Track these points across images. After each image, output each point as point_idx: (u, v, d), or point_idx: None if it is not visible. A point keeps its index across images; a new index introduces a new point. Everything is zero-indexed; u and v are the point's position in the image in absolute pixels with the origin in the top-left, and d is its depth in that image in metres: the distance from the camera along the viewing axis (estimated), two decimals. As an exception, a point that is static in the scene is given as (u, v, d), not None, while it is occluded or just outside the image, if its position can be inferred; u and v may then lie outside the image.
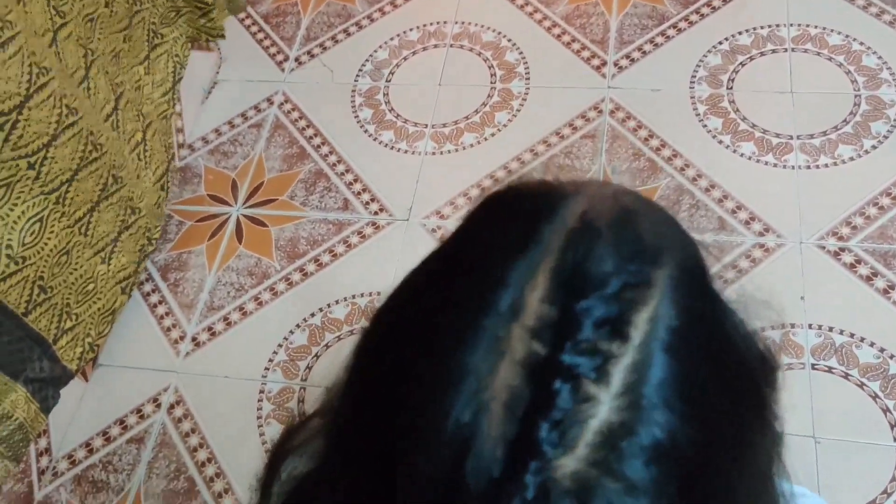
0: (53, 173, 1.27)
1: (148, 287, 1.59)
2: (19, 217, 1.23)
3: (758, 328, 0.39)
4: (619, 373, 0.30)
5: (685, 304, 0.33)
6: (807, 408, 1.25)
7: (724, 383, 0.35)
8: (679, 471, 0.31)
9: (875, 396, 1.25)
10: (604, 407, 0.30)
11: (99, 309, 1.44)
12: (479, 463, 0.30)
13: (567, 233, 0.33)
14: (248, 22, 1.98)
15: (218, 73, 1.90)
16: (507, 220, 0.36)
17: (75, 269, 1.37)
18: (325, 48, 1.91)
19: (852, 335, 1.31)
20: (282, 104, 1.82)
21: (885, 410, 1.24)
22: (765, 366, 0.39)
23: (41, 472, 1.40)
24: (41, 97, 1.21)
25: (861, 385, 1.26)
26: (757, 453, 0.38)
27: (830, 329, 1.32)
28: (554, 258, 0.32)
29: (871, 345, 1.30)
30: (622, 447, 0.30)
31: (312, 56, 1.90)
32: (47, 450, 1.42)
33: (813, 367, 1.29)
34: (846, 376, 1.27)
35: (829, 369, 1.28)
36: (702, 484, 0.33)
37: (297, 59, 1.90)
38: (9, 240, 1.22)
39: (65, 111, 1.26)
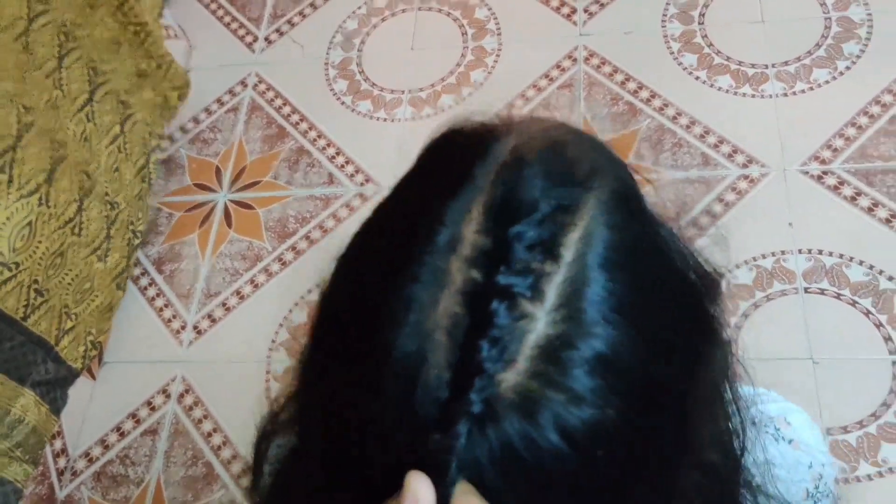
0: (26, 175, 1.27)
1: (144, 281, 1.60)
2: (5, 223, 1.23)
3: (696, 246, 0.41)
4: (552, 289, 0.32)
5: (617, 224, 0.34)
6: (802, 330, 1.27)
7: (663, 296, 0.36)
8: (623, 381, 0.32)
9: (868, 313, 1.27)
10: (540, 322, 0.31)
11: (97, 306, 1.45)
12: (427, 390, 0.31)
13: (498, 168, 0.35)
14: (213, 6, 1.97)
15: (189, 61, 1.89)
16: (445, 163, 0.38)
17: (71, 270, 1.37)
18: (293, 24, 1.89)
19: (841, 256, 1.33)
20: (256, 85, 1.82)
21: (878, 325, 1.26)
22: (705, 280, 0.40)
23: (60, 473, 1.42)
24: None
25: (853, 303, 1.28)
26: (705, 362, 0.39)
27: (820, 252, 1.34)
28: (486, 192, 0.34)
29: (860, 263, 1.31)
30: (562, 359, 0.31)
31: (281, 34, 1.89)
32: (63, 450, 1.44)
33: (806, 290, 1.31)
34: (838, 296, 1.30)
35: (822, 291, 1.30)
36: (648, 392, 0.34)
37: (266, 39, 1.89)
38: (-1, 247, 1.22)
39: (21, 110, 1.26)
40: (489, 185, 0.34)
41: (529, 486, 0.32)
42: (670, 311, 0.37)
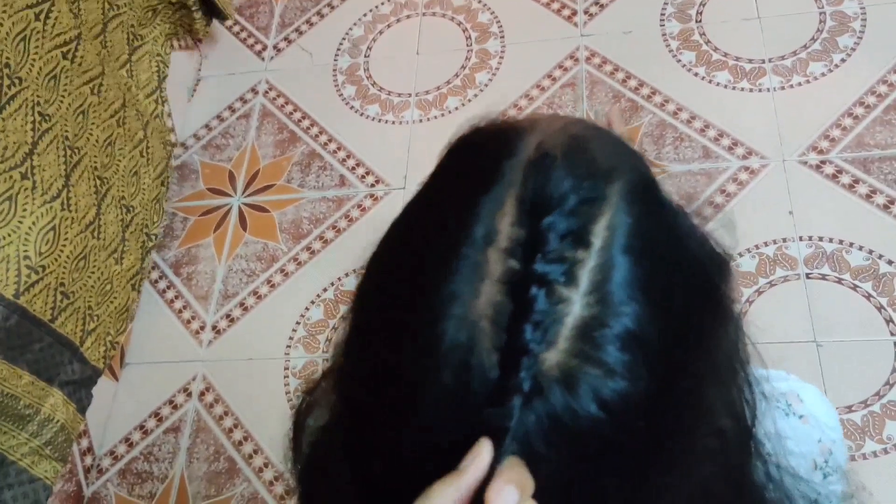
0: (47, 181, 1.31)
1: (162, 284, 1.64)
2: (31, 227, 1.27)
3: (708, 231, 0.44)
4: (585, 274, 0.35)
5: (638, 212, 0.37)
6: (806, 315, 1.31)
7: (682, 277, 0.39)
8: (649, 354, 0.35)
9: (868, 296, 1.31)
10: (576, 305, 0.34)
11: (116, 308, 1.50)
12: (480, 373, 0.34)
13: (526, 164, 0.37)
14: (222, 16, 2.01)
15: (200, 70, 1.94)
16: (474, 161, 0.40)
17: (93, 272, 1.42)
18: (301, 32, 1.94)
19: (841, 242, 1.37)
20: (266, 92, 1.86)
21: (880, 308, 1.30)
22: (717, 261, 0.43)
23: (87, 471, 1.46)
24: (13, 107, 1.25)
25: (854, 287, 1.32)
26: (719, 336, 0.42)
27: (820, 238, 1.38)
28: (517, 187, 0.37)
29: (860, 248, 1.35)
30: (597, 337, 0.34)
31: (290, 42, 1.93)
32: (90, 449, 1.47)
33: (807, 276, 1.35)
34: (839, 281, 1.33)
35: (823, 276, 1.34)
36: (671, 363, 0.37)
37: (275, 47, 1.94)
38: (25, 251, 1.27)
39: (38, 118, 1.30)
40: (520, 180, 0.37)
41: (571, 453, 0.35)
42: (687, 290, 0.39)
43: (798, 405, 0.61)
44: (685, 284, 0.39)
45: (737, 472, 0.45)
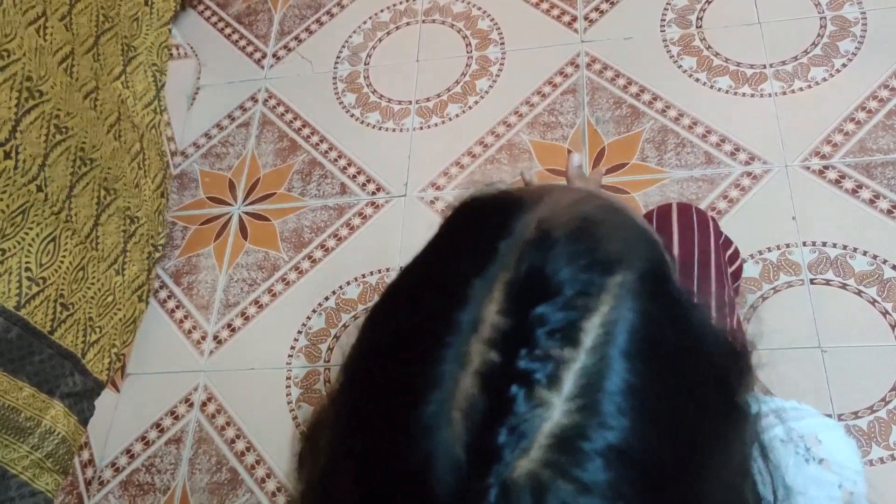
0: (55, 192, 1.31)
1: (163, 294, 1.63)
2: (34, 239, 1.27)
3: (727, 326, 0.41)
4: (570, 377, 0.32)
5: (643, 310, 0.34)
6: (810, 321, 1.31)
7: (688, 386, 0.35)
8: (637, 474, 0.32)
9: (874, 301, 1.31)
10: (556, 411, 0.31)
11: (121, 319, 1.49)
12: (444, 470, 0.32)
13: (522, 244, 0.35)
14: (221, 25, 2.01)
15: (199, 78, 1.94)
16: (469, 236, 0.38)
17: (93, 284, 1.41)
18: (300, 40, 1.94)
19: (845, 247, 1.36)
20: (266, 100, 1.86)
21: (885, 313, 1.29)
22: (735, 360, 0.40)
23: (88, 483, 1.45)
24: (31, 118, 1.25)
25: (859, 293, 1.32)
26: (731, 448, 0.38)
27: (824, 244, 1.37)
28: (509, 271, 0.34)
29: (864, 253, 1.35)
30: (575, 449, 0.31)
31: (289, 50, 1.93)
32: (91, 461, 1.46)
33: (811, 281, 1.34)
34: (844, 286, 1.33)
35: (827, 282, 1.34)
36: (663, 483, 0.33)
37: (274, 55, 1.93)
38: (27, 262, 1.26)
39: (52, 130, 1.30)
40: (513, 263, 0.34)
41: None
42: (692, 400, 0.35)
43: (817, 448, 0.58)
44: (691, 392, 0.35)
45: None
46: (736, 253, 1.06)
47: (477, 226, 0.38)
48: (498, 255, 0.35)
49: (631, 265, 0.35)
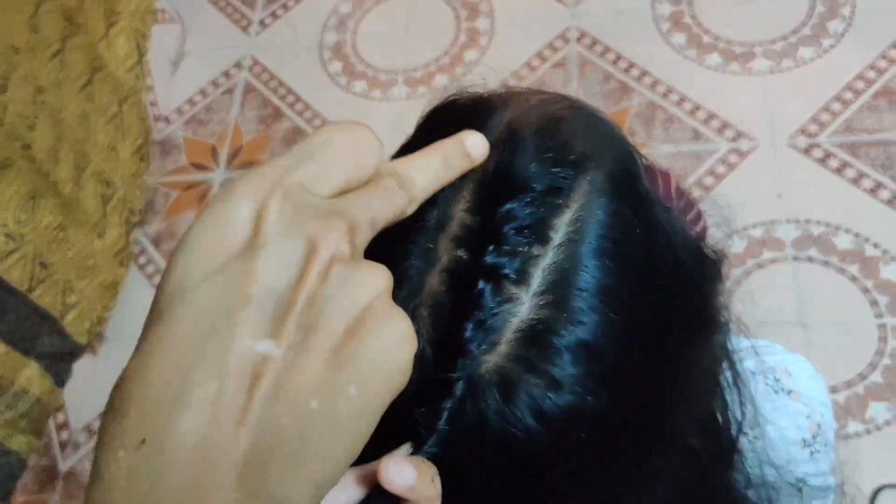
0: (38, 149, 1.28)
1: (143, 259, 1.61)
2: (12, 196, 1.24)
3: (696, 229, 0.40)
4: (539, 273, 0.31)
5: (612, 209, 0.33)
6: (793, 296, 1.31)
7: (656, 285, 0.35)
8: (605, 369, 0.32)
9: (854, 278, 1.31)
10: (524, 306, 0.31)
11: (101, 283, 1.47)
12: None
13: (492, 146, 0.34)
14: (207, -10, 1.98)
15: (184, 44, 1.91)
16: (439, 137, 0.36)
17: (73, 246, 1.39)
18: (287, 8, 1.91)
19: (828, 225, 1.37)
20: (251, 67, 1.83)
21: (865, 290, 1.30)
22: (705, 265, 0.39)
23: (62, 446, 1.43)
24: (13, 80, 1.22)
25: (841, 270, 1.33)
26: (699, 352, 0.38)
27: (808, 221, 1.38)
28: (478, 170, 0.33)
29: (847, 231, 1.36)
30: (544, 344, 0.31)
31: (276, 17, 1.90)
32: (66, 424, 1.45)
33: (795, 258, 1.35)
34: (826, 263, 1.34)
35: (810, 259, 1.34)
36: (631, 381, 0.33)
37: (261, 22, 1.91)
38: (4, 218, 1.24)
39: (34, 91, 1.27)
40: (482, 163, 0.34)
41: (501, 463, 0.32)
42: (662, 301, 0.35)
43: (787, 380, 0.58)
44: (660, 294, 0.35)
45: (707, 488, 0.42)
46: (698, 216, 1.05)
47: (447, 127, 0.36)
48: None
49: (601, 164, 0.34)
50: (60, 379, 1.38)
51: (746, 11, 1.63)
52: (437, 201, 0.33)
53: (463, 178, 0.33)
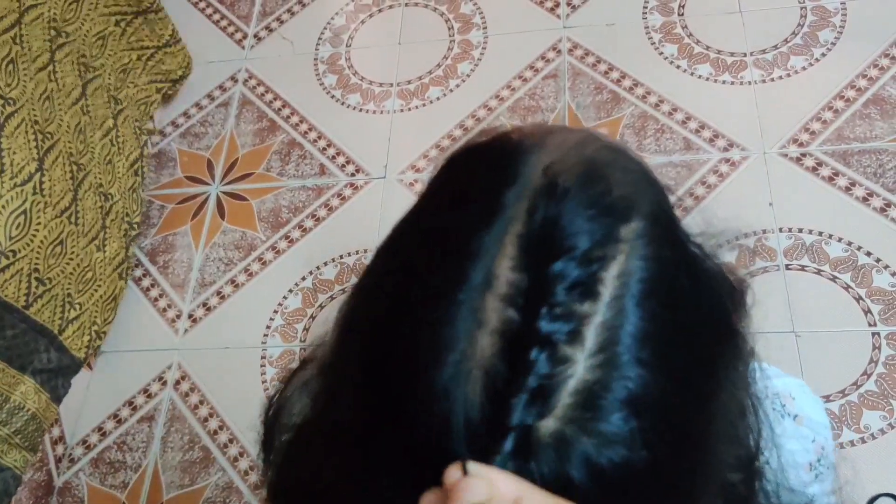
0: (18, 164, 1.28)
1: (138, 272, 1.62)
2: (0, 211, 1.25)
3: (723, 259, 0.40)
4: (592, 332, 0.31)
5: (655, 255, 0.33)
6: (785, 306, 1.31)
7: (698, 327, 0.35)
8: (656, 420, 0.32)
9: (847, 287, 1.32)
10: (579, 367, 0.30)
11: (101, 296, 1.47)
12: (463, 434, 0.30)
13: (531, 194, 0.33)
14: (202, 4, 1.99)
15: (179, 57, 1.91)
16: (471, 187, 0.35)
17: (72, 259, 1.39)
18: (282, 21, 1.92)
19: (821, 233, 1.37)
20: (246, 80, 1.84)
21: (858, 299, 1.30)
22: (735, 296, 0.39)
23: (58, 460, 1.43)
24: None
25: (833, 278, 1.33)
26: (733, 382, 0.38)
27: (800, 230, 1.38)
28: (520, 223, 0.32)
29: (839, 240, 1.36)
30: (597, 404, 0.30)
31: (271, 31, 1.92)
32: (61, 438, 1.45)
33: (787, 267, 1.35)
34: (818, 272, 1.34)
35: (802, 267, 1.35)
36: (678, 425, 0.33)
37: (255, 36, 1.92)
38: (-3, 235, 1.24)
39: (1, 102, 1.27)
40: (523, 215, 0.32)
41: None
42: (703, 339, 0.35)
43: (791, 404, 0.59)
44: (702, 332, 0.35)
45: None
46: None
47: (476, 176, 0.36)
48: (505, 207, 0.33)
49: (641, 210, 0.34)
50: (57, 394, 1.38)
51: (737, 21, 1.64)
52: (479, 256, 0.32)
53: (504, 232, 0.32)
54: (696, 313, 0.35)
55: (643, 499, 0.33)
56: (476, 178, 0.35)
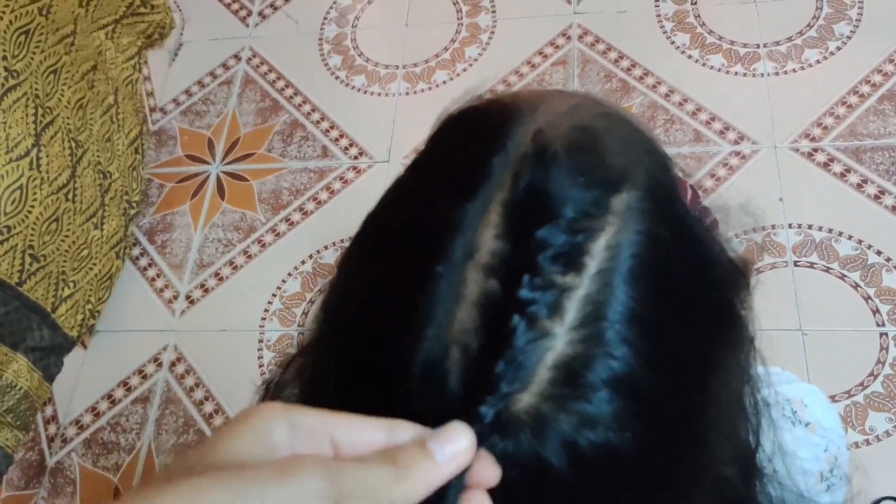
0: (14, 138, 1.25)
1: (136, 251, 1.59)
2: (-4, 186, 1.22)
3: (727, 238, 0.38)
4: (574, 305, 0.29)
5: (648, 231, 0.31)
6: (792, 303, 1.29)
7: (692, 311, 0.33)
8: (641, 403, 0.30)
9: (856, 286, 1.29)
10: (559, 341, 0.29)
11: (96, 274, 1.45)
12: (441, 400, 0.30)
13: (518, 161, 0.31)
14: (206, -20, 1.96)
15: (182, 34, 1.88)
16: (459, 153, 0.34)
17: (67, 237, 1.37)
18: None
19: (830, 230, 1.35)
20: (249, 59, 1.81)
21: (867, 298, 1.28)
22: (736, 277, 0.37)
23: (50, 440, 1.41)
24: None
25: (842, 277, 1.31)
26: (729, 371, 0.36)
27: (809, 226, 1.36)
28: (506, 190, 0.31)
29: (849, 238, 1.34)
30: (578, 381, 0.29)
31: (276, 9, 1.88)
32: (54, 417, 1.43)
33: (795, 264, 1.33)
34: (827, 270, 1.32)
35: (811, 265, 1.32)
36: (668, 413, 0.32)
37: (260, 14, 1.88)
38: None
39: (3, 73, 1.24)
40: (509, 181, 0.31)
41: (528, 500, 0.31)
42: (698, 324, 0.33)
43: (803, 411, 0.56)
44: (697, 315, 0.33)
45: None
46: (713, 223, 1.04)
47: (465, 142, 0.34)
48: (492, 174, 0.31)
49: (636, 181, 0.32)
50: (50, 373, 1.36)
51: (751, 12, 1.61)
52: (462, 227, 0.31)
53: (489, 200, 0.31)
54: (693, 297, 0.33)
55: (626, 488, 0.31)
56: (462, 147, 0.34)
